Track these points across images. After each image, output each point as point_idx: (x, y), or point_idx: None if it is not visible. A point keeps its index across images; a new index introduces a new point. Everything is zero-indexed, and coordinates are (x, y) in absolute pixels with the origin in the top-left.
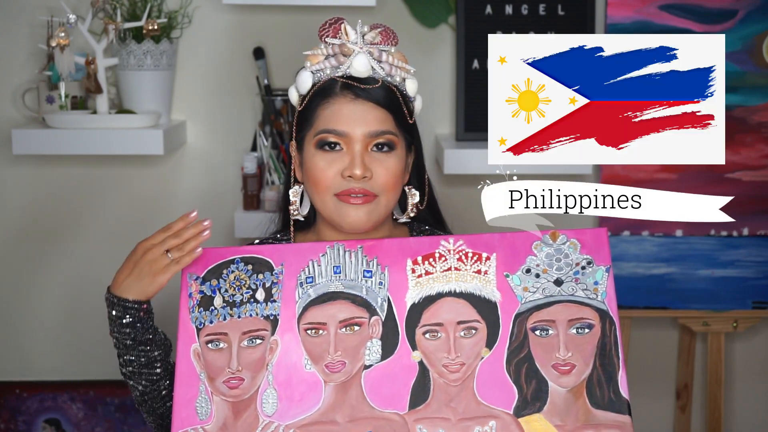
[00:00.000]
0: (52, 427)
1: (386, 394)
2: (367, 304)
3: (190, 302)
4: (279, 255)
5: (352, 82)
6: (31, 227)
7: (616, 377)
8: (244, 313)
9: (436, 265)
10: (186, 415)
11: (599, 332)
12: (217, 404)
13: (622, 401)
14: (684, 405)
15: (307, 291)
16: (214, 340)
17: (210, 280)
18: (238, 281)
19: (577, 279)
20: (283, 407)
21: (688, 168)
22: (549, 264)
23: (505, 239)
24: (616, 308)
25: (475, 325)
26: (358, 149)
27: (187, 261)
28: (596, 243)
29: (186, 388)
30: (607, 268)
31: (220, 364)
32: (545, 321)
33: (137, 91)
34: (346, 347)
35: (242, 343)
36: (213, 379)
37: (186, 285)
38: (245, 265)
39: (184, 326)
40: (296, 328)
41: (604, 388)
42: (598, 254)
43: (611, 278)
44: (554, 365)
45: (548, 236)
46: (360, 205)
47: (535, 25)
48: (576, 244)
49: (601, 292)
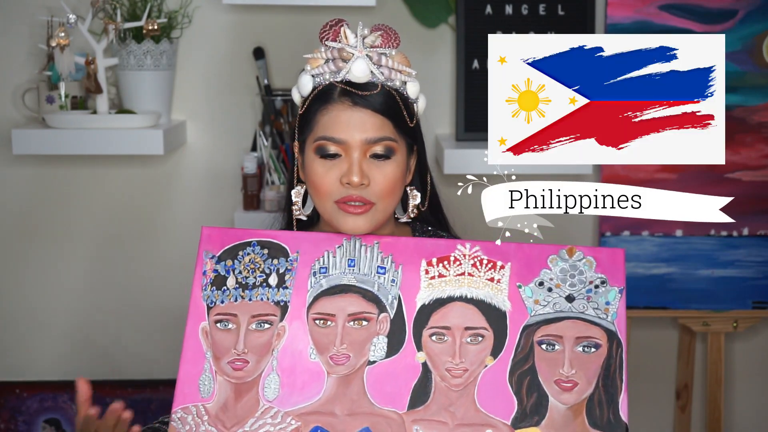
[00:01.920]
0: (52, 427)
1: (387, 392)
2: (377, 300)
3: (204, 280)
4: (296, 242)
5: (351, 88)
6: (31, 227)
7: (617, 399)
8: (256, 296)
9: (450, 268)
10: (189, 391)
11: (605, 353)
12: (220, 384)
13: (621, 424)
14: (684, 405)
15: (320, 281)
16: (224, 320)
17: (225, 260)
18: (253, 264)
19: (589, 297)
20: (284, 394)
21: (688, 168)
22: (563, 279)
23: (521, 250)
24: (625, 330)
25: (483, 332)
26: (356, 156)
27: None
28: (612, 263)
29: (191, 365)
30: (621, 290)
31: (227, 345)
32: (553, 336)
33: (137, 91)
34: (353, 341)
35: (251, 326)
36: (218, 359)
37: (201, 262)
38: (261, 249)
39: (195, 303)
40: (305, 317)
41: (604, 409)
42: (613, 274)
43: (623, 300)
44: (557, 381)
45: (565, 251)
46: (359, 215)
47: (535, 25)
48: (591, 261)
49: (612, 313)
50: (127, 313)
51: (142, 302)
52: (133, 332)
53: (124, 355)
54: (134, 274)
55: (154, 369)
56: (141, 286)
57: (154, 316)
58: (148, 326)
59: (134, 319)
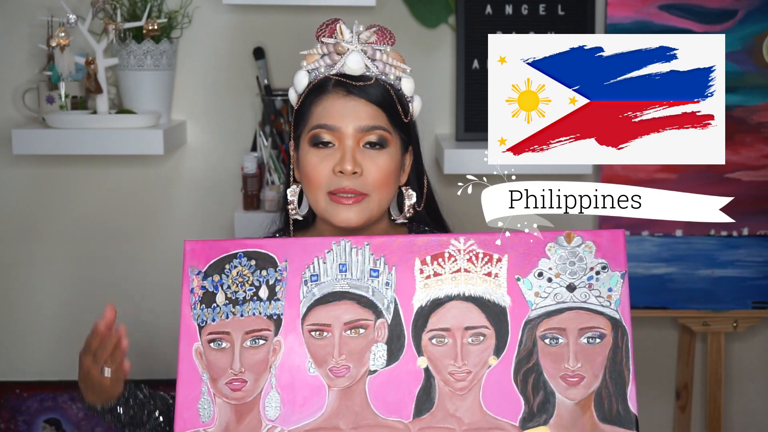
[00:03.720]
0: (52, 427)
1: (390, 402)
2: (373, 305)
3: (192, 298)
4: (283, 250)
5: (345, 79)
6: (31, 227)
7: (626, 391)
8: (247, 311)
9: (445, 265)
10: (188, 416)
11: (611, 342)
12: (219, 406)
13: (630, 416)
14: (684, 405)
15: (312, 290)
16: (217, 339)
17: (212, 275)
18: (241, 277)
19: (590, 285)
20: (286, 411)
21: (688, 168)
22: (562, 268)
23: (517, 239)
24: (629, 317)
25: (484, 331)
26: (350, 145)
27: (122, 377)
28: (613, 246)
29: (188, 389)
30: (623, 274)
31: (223, 365)
32: (555, 329)
33: (137, 91)
34: (351, 351)
35: (245, 343)
36: (215, 380)
37: (188, 280)
38: (248, 260)
39: (186, 323)
40: (300, 329)
41: (613, 402)
42: (614, 258)
43: (626, 285)
44: (563, 376)
45: (563, 237)
46: (351, 206)
47: (535, 25)
48: (591, 246)
49: (615, 300)
50: (128, 312)
51: (142, 302)
52: (134, 332)
53: None
54: (134, 273)
55: (155, 369)
56: (141, 286)
57: (154, 316)
58: (148, 326)
59: (135, 318)
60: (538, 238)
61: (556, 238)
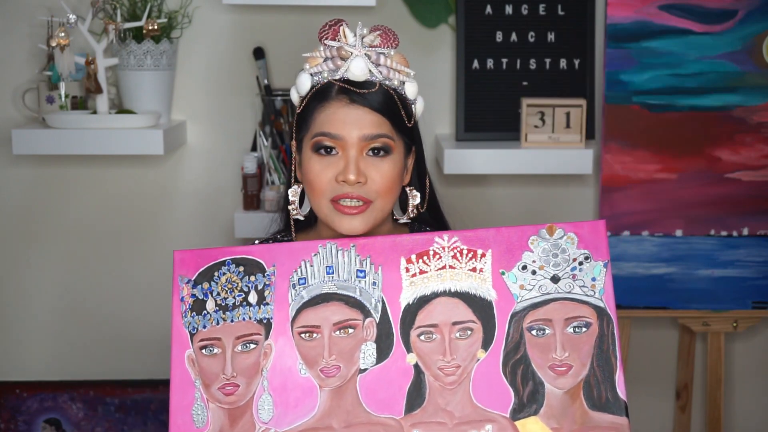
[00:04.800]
0: (52, 427)
1: (382, 399)
2: (360, 305)
3: (183, 306)
4: (270, 255)
5: (349, 86)
6: (31, 227)
7: (614, 378)
8: (237, 317)
9: (431, 263)
10: (182, 422)
11: (597, 331)
12: (213, 411)
13: (620, 402)
14: (684, 405)
15: (300, 293)
16: (208, 345)
17: (201, 283)
18: (230, 284)
19: (574, 275)
20: (279, 413)
21: (688, 168)
22: (546, 260)
23: (500, 234)
24: (614, 305)
25: (471, 325)
26: (353, 154)
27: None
28: (594, 237)
29: (182, 395)
30: (605, 263)
31: (215, 370)
32: (542, 320)
33: (137, 91)
34: (341, 351)
35: (236, 348)
36: (208, 386)
37: (178, 289)
38: (237, 267)
39: (178, 331)
40: (290, 332)
41: (602, 389)
42: (596, 249)
43: (609, 273)
44: (551, 366)
45: (545, 230)
46: (354, 215)
47: (535, 25)
48: (573, 238)
49: (599, 289)
50: (128, 312)
51: (142, 302)
52: (134, 332)
53: (124, 355)
54: (135, 273)
55: (154, 369)
56: (142, 286)
57: (155, 316)
58: (148, 326)
59: (135, 318)
60: (521, 232)
61: (538, 231)
